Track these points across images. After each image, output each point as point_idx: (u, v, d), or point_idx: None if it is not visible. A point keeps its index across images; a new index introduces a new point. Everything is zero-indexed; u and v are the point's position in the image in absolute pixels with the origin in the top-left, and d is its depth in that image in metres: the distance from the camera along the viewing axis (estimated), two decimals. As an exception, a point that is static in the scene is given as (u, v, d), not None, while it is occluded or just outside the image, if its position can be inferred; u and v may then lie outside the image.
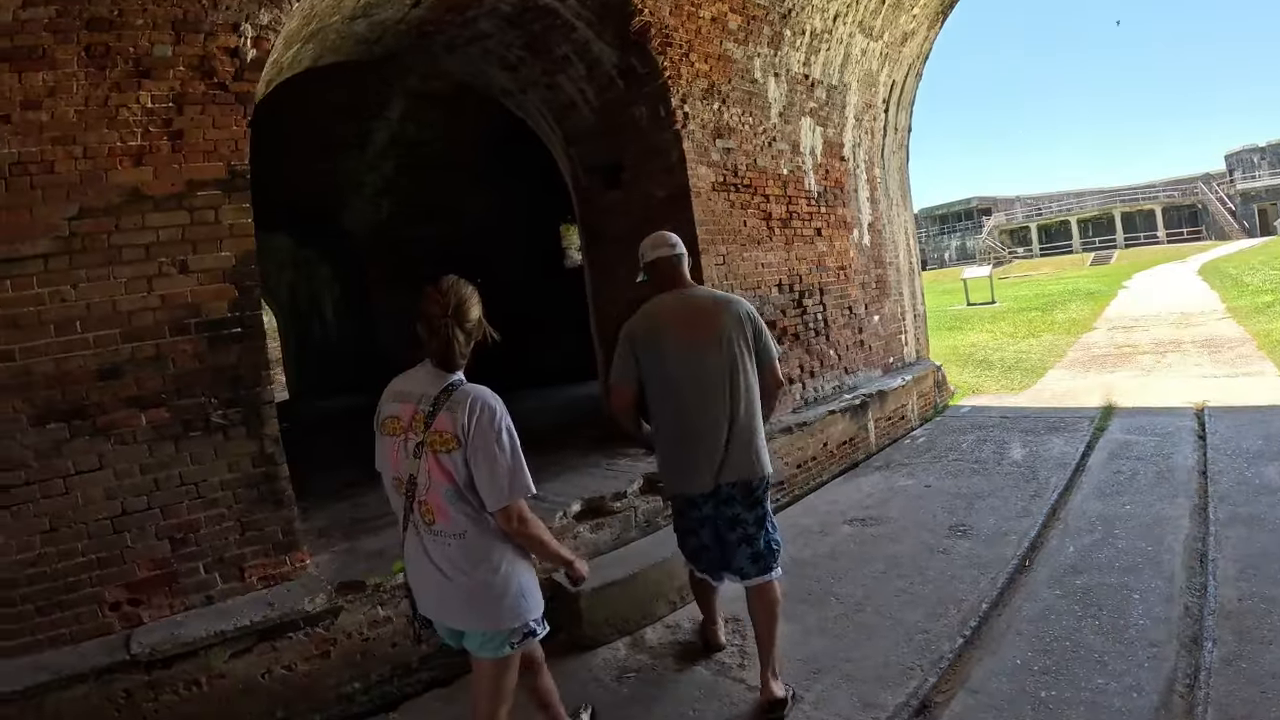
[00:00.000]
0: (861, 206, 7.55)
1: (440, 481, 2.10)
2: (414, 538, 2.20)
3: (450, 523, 2.13)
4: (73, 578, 3.07)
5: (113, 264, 3.13)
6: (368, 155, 9.77)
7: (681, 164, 5.45)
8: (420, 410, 2.14)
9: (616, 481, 4.66)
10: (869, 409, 6.75)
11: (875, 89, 7.74)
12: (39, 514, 3.02)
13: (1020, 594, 3.75)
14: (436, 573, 2.16)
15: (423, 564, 2.19)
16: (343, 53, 5.22)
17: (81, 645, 3.03)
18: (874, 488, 5.77)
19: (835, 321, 6.85)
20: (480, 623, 2.18)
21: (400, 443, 2.17)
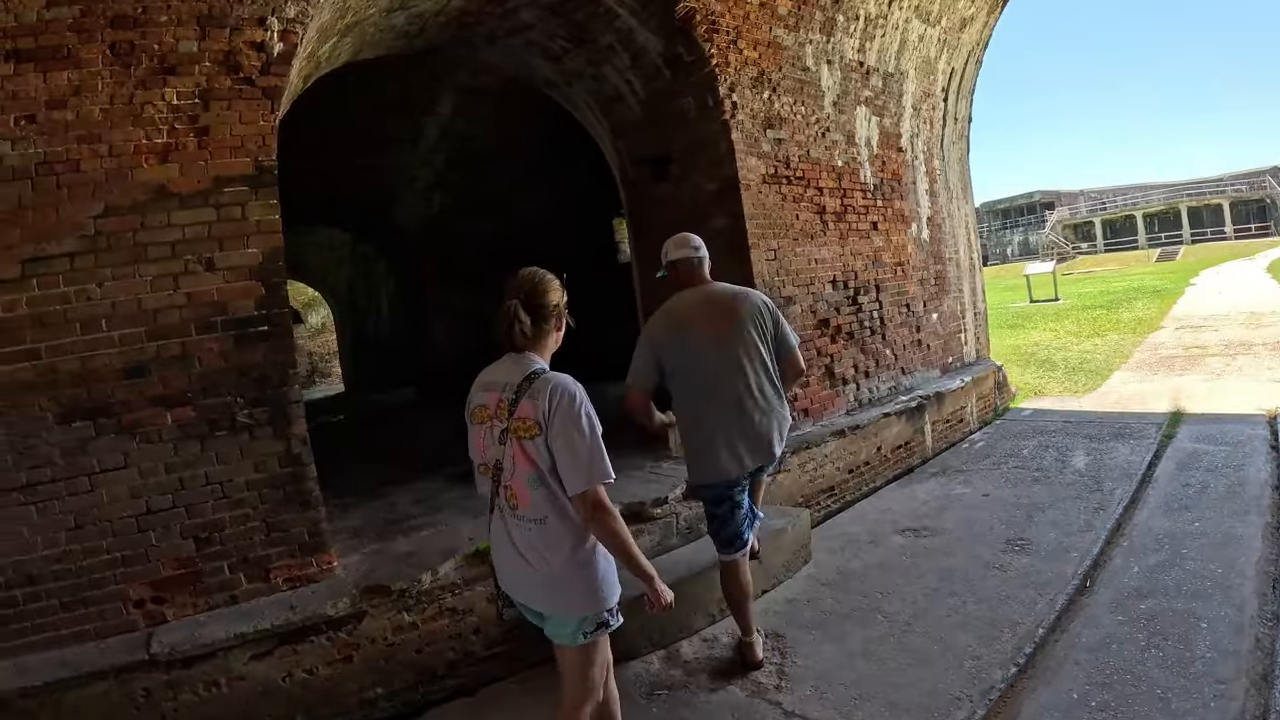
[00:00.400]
0: (920, 199, 7.21)
1: (524, 468, 2.16)
2: (499, 521, 2.27)
3: (531, 508, 2.17)
4: (97, 575, 3.07)
5: (138, 262, 3.11)
6: (419, 150, 9.78)
7: (730, 155, 5.24)
8: (504, 398, 2.20)
9: (659, 486, 4.48)
10: (926, 411, 6.44)
11: (933, 77, 7.38)
12: (64, 511, 3.03)
13: (1080, 619, 3.47)
14: (518, 556, 2.22)
15: (506, 547, 2.26)
16: (383, 47, 5.17)
17: (106, 641, 3.03)
18: (929, 495, 5.48)
19: (892, 320, 6.55)
20: (557, 606, 2.23)
21: (487, 430, 2.24)
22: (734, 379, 3.14)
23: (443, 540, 3.81)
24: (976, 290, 8.49)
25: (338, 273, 15.46)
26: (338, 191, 9.79)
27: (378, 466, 6.15)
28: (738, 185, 5.25)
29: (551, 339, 2.35)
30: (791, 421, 3.47)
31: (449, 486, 5.08)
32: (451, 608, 3.47)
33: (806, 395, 5.56)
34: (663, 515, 4.26)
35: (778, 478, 4.89)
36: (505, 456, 2.19)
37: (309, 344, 24.59)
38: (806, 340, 5.60)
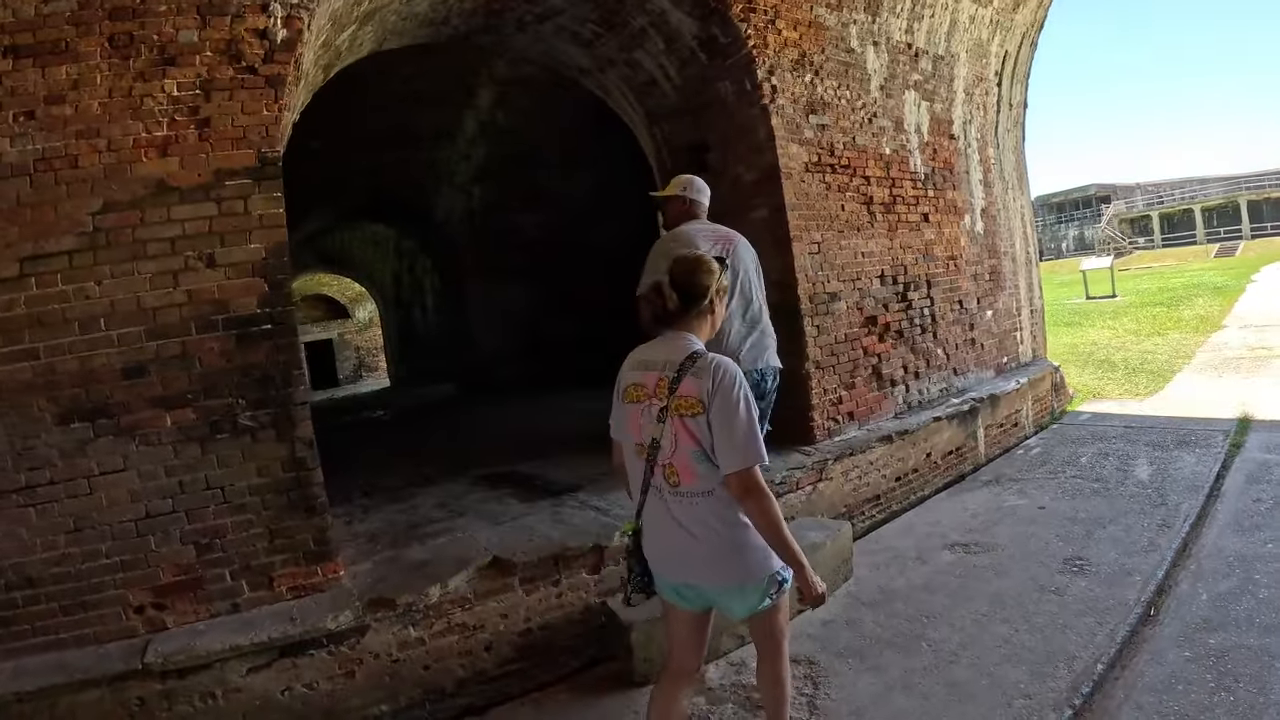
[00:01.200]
0: (973, 190, 6.77)
1: (687, 444, 2.17)
2: (656, 501, 2.27)
3: (697, 481, 2.18)
4: (97, 579, 3.00)
5: (137, 259, 3.01)
6: (459, 144, 9.73)
7: (770, 142, 4.96)
8: (664, 377, 2.21)
9: None
10: (979, 415, 6.04)
11: (986, 60, 6.93)
12: (63, 514, 2.97)
13: (1143, 654, 3.11)
14: (683, 533, 2.21)
15: (667, 525, 2.24)
16: (408, 35, 5.03)
17: (105, 647, 2.97)
18: (981, 506, 5.11)
19: (944, 317, 6.16)
20: (730, 578, 2.22)
21: (644, 409, 2.25)
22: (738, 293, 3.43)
23: (458, 549, 3.65)
24: (1033, 286, 8.00)
25: (383, 268, 15.61)
26: (380, 186, 9.81)
27: (407, 465, 6.07)
28: (778, 174, 4.96)
29: (705, 321, 2.34)
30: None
31: (474, 489, 4.94)
32: (461, 623, 3.29)
33: (851, 397, 5.25)
34: None
35: (819, 486, 4.60)
36: (664, 434, 2.20)
37: (356, 338, 25.08)
38: (852, 339, 5.28)
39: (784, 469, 4.51)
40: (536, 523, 3.97)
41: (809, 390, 4.97)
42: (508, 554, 3.48)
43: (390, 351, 18.57)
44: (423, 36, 5.16)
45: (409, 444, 7.57)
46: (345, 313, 24.84)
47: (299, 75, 3.71)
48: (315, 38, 3.68)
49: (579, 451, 5.63)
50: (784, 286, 4.98)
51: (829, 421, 5.07)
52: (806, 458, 4.70)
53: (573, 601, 3.55)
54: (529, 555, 3.49)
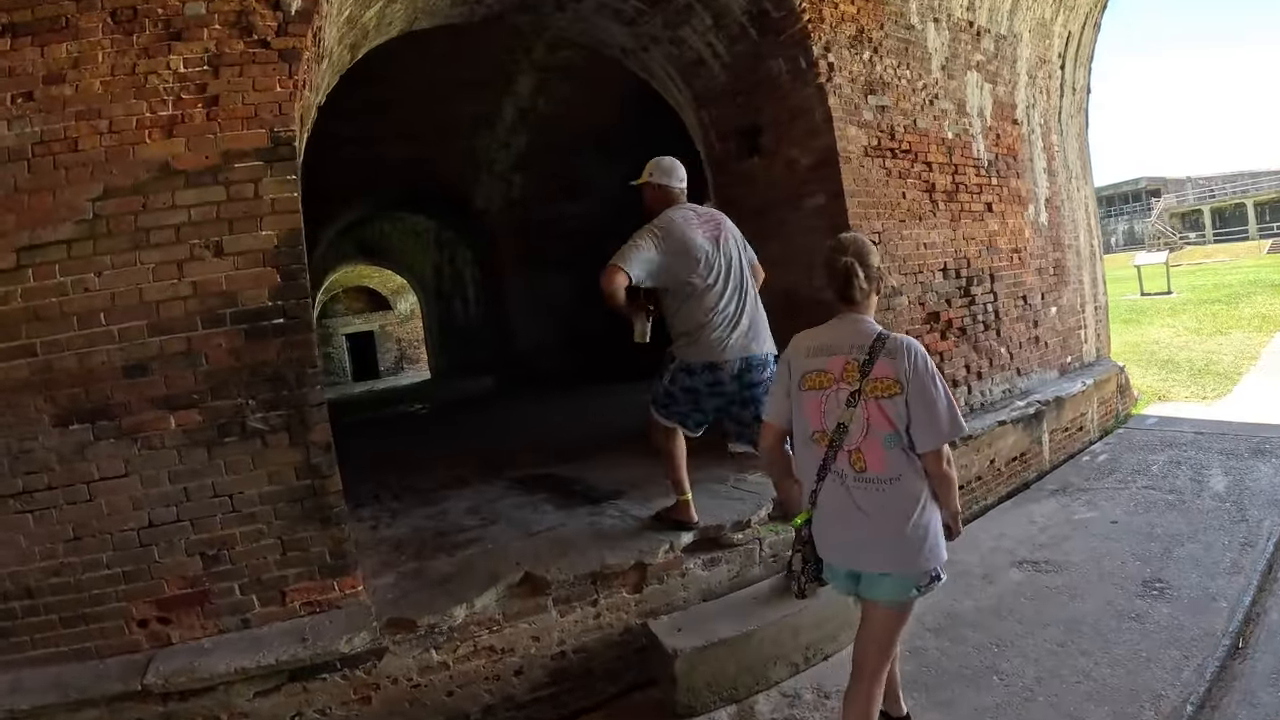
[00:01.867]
0: (1038, 178, 6.31)
1: (880, 428, 2.14)
2: (835, 487, 2.22)
3: (886, 468, 2.15)
4: (98, 590, 2.81)
5: (139, 248, 2.79)
6: (498, 132, 9.47)
7: (827, 124, 4.59)
8: (852, 360, 2.19)
9: (741, 505, 3.87)
10: (1044, 419, 5.61)
11: (1049, 41, 6.45)
12: (62, 521, 2.78)
13: (1234, 693, 2.76)
14: (864, 518, 2.17)
15: (847, 511, 2.20)
16: (440, 14, 4.77)
17: (106, 662, 2.79)
18: (1048, 519, 4.70)
19: (1007, 314, 5.74)
20: (900, 565, 2.17)
21: (828, 395, 2.21)
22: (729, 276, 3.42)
23: (488, 563, 3.37)
24: (1097, 281, 7.50)
25: (423, 259, 15.53)
26: (418, 176, 9.63)
27: (441, 465, 5.85)
28: (836, 158, 4.59)
29: (874, 301, 2.34)
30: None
31: (508, 493, 4.67)
32: (489, 646, 3.02)
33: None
34: (743, 542, 3.64)
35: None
36: (854, 419, 2.16)
37: (398, 330, 25.19)
38: (915, 335, 4.88)
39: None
40: (574, 534, 3.68)
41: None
42: (541, 570, 3.20)
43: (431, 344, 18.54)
44: (456, 16, 4.90)
45: (445, 441, 7.36)
46: (387, 305, 24.95)
47: (321, 52, 3.47)
48: (337, 12, 3.43)
49: (620, 452, 5.35)
50: None
51: (887, 425, 4.71)
52: None
53: (611, 623, 3.26)
54: (564, 572, 3.20)
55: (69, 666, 2.76)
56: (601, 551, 3.38)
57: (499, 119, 9.18)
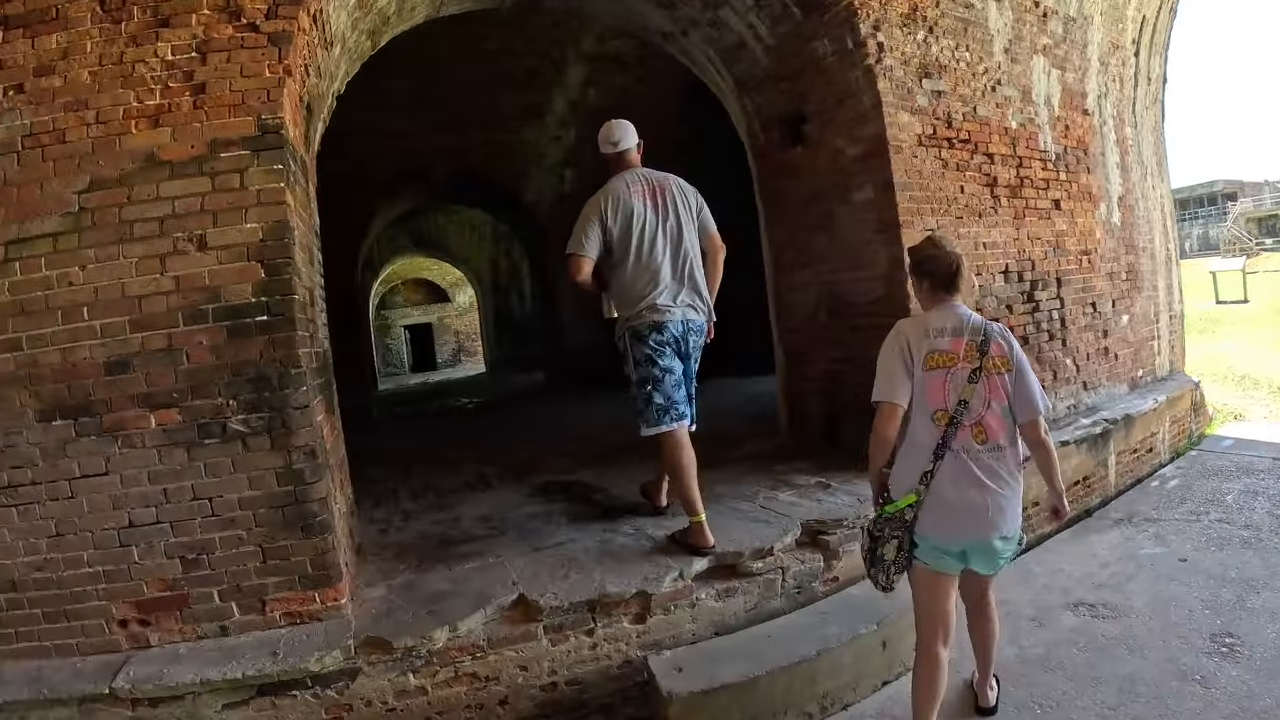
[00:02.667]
0: (1110, 174, 5.78)
1: (998, 400, 2.36)
2: (957, 462, 2.33)
3: (1002, 436, 2.36)
4: (79, 588, 2.77)
5: (123, 241, 2.71)
6: (548, 124, 9.36)
7: (877, 110, 4.23)
8: (971, 341, 2.37)
9: (767, 528, 3.54)
10: (1111, 439, 5.09)
11: (1122, 25, 5.89)
12: (45, 516, 2.74)
13: None
14: (989, 487, 2.32)
15: (972, 482, 2.32)
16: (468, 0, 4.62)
17: (86, 660, 2.76)
18: (1110, 553, 4.24)
19: (1075, 322, 5.25)
20: (1012, 526, 2.37)
21: (953, 373, 2.36)
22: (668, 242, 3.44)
23: (483, 580, 3.17)
24: (1173, 288, 6.89)
25: (479, 253, 15.61)
26: (468, 169, 9.60)
27: (471, 463, 5.75)
28: (886, 147, 4.23)
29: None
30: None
31: (528, 500, 4.50)
32: (472, 673, 2.82)
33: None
34: (764, 571, 3.32)
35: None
36: (976, 395, 2.34)
37: (455, 323, 25.49)
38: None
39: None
40: (580, 552, 3.45)
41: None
42: (536, 593, 2.98)
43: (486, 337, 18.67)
44: (485, 1, 4.74)
45: (482, 438, 7.28)
46: (446, 297, 25.27)
47: (329, 37, 3.36)
48: (340, -6, 3.30)
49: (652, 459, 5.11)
50: (891, 281, 4.28)
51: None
52: None
53: (610, 654, 3.01)
54: (559, 598, 2.96)
55: (50, 662, 2.74)
56: (604, 576, 3.13)
57: (549, 111, 9.06)
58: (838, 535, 3.49)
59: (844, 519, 3.55)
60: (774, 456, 4.88)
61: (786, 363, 5.29)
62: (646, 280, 3.39)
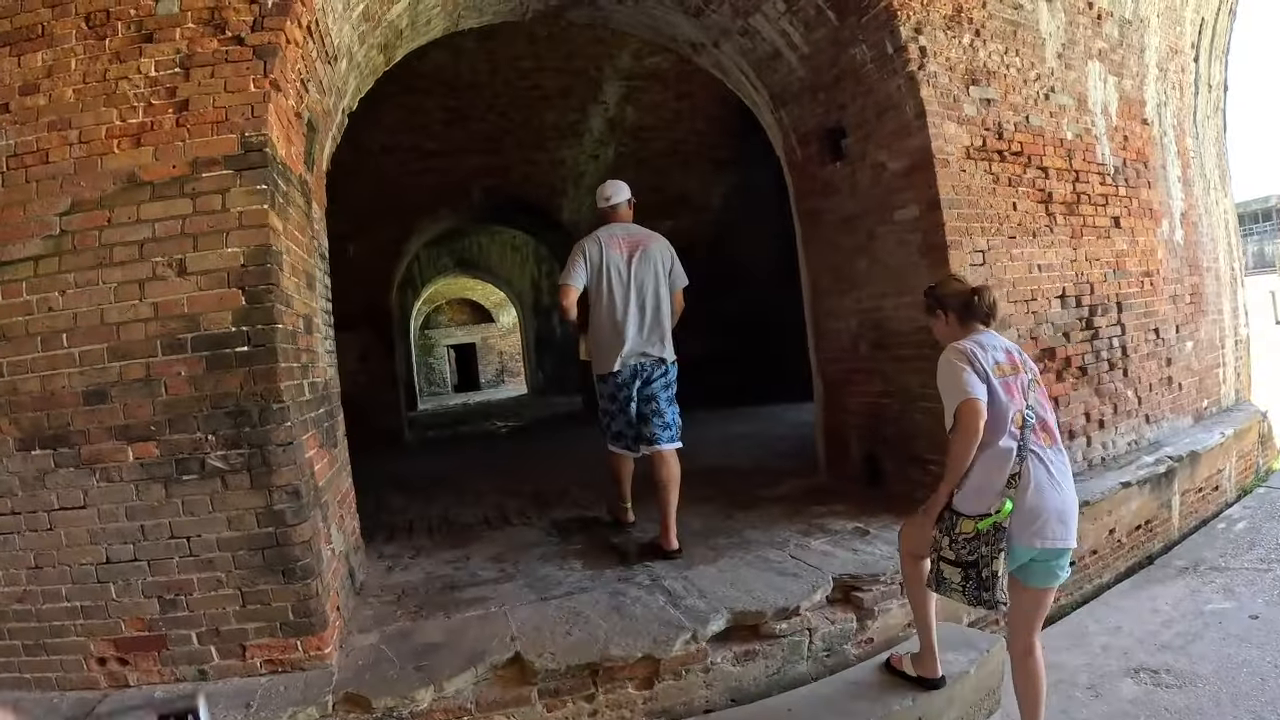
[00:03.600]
0: (1171, 189, 5.34)
1: (1049, 409, 2.47)
2: (1037, 466, 2.33)
3: (1060, 442, 2.44)
4: (58, 622, 2.67)
5: (102, 266, 2.59)
6: (585, 143, 9.26)
7: (920, 120, 3.92)
8: (1017, 358, 2.49)
9: (795, 584, 3.21)
10: (1175, 478, 4.64)
11: (1180, 29, 5.44)
12: (24, 547, 2.65)
13: None
14: (1065, 490, 2.35)
15: (1052, 485, 2.33)
16: (487, 12, 4.46)
17: (65, 695, 2.67)
18: (1174, 608, 3.83)
19: (1136, 349, 4.83)
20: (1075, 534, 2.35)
21: (1018, 379, 2.43)
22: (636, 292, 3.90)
23: (480, 633, 2.94)
24: (1238, 310, 6.38)
25: (521, 273, 15.57)
26: (504, 187, 9.53)
27: (495, 494, 5.59)
28: (931, 161, 3.91)
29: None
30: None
31: (544, 539, 4.27)
32: (457, 737, 2.61)
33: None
34: (788, 633, 3.01)
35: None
36: (1034, 402, 2.41)
37: (499, 343, 25.52)
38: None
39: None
40: (589, 604, 3.18)
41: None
42: (534, 652, 2.73)
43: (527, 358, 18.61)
44: (505, 12, 4.58)
45: (511, 466, 7.07)
46: (490, 317, 25.28)
47: (331, 51, 3.23)
48: (345, 7, 3.16)
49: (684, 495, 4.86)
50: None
51: (986, 484, 3.99)
52: None
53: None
54: (558, 659, 2.71)
55: (29, 694, 2.66)
56: (610, 634, 2.86)
57: (586, 129, 8.95)
58: (873, 592, 3.18)
59: (881, 573, 3.23)
60: (811, 497, 4.57)
61: (825, 395, 4.98)
62: (612, 337, 3.90)
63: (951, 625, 3.26)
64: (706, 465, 5.90)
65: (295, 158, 3.01)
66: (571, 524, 4.54)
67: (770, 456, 6.10)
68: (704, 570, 3.44)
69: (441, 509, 5.23)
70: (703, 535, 3.99)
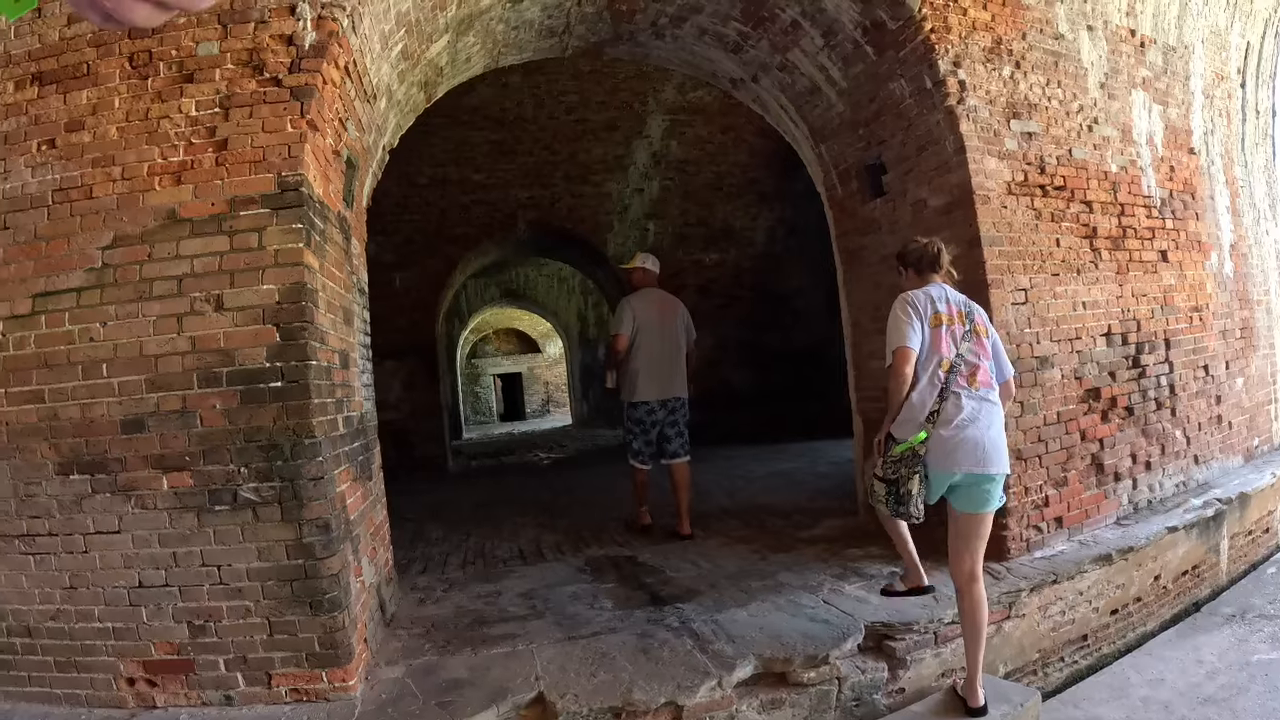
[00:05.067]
0: (1220, 220, 5.15)
1: (985, 357, 2.83)
2: (957, 403, 2.74)
3: (991, 385, 2.82)
4: (89, 641, 2.74)
5: (142, 299, 2.67)
6: (630, 176, 9.33)
7: (960, 155, 3.85)
8: (960, 309, 2.87)
9: (826, 629, 3.15)
10: (1224, 521, 4.44)
11: (1225, 54, 5.27)
12: (60, 568, 2.73)
13: None
14: (985, 427, 2.73)
15: (973, 421, 2.73)
16: (527, 49, 4.51)
17: (93, 712, 2.74)
18: (1220, 659, 3.67)
19: (1185, 388, 4.65)
20: (1002, 464, 2.74)
21: (952, 330, 2.82)
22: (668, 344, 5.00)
23: (507, 671, 2.93)
24: None
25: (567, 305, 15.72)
26: (553, 221, 9.64)
27: (531, 527, 5.62)
28: (971, 197, 3.84)
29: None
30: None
31: (576, 576, 4.24)
32: (475, 777, 2.60)
33: (1062, 498, 3.95)
34: (817, 682, 2.93)
35: (1005, 626, 3.46)
36: (968, 350, 2.81)
37: (545, 374, 25.68)
38: (1067, 418, 4.02)
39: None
40: (616, 646, 3.14)
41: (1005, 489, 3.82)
42: (557, 693, 2.71)
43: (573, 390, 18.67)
44: (546, 50, 4.63)
45: (549, 499, 7.02)
46: (536, 348, 25.35)
47: (370, 90, 3.29)
48: (382, 47, 3.22)
49: (719, 537, 4.86)
50: None
51: (1029, 530, 3.83)
52: (994, 583, 3.48)
53: (632, 767, 2.73)
54: (580, 701, 2.68)
55: (59, 709, 2.74)
56: (635, 677, 2.82)
57: (631, 163, 9.03)
58: (906, 641, 3.10)
59: (915, 621, 3.15)
60: (847, 538, 4.46)
61: (865, 435, 4.89)
62: (646, 376, 4.93)
63: (987, 677, 3.18)
64: (747, 503, 5.88)
65: (333, 195, 3.07)
66: (604, 562, 4.51)
67: (810, 495, 6.02)
68: (734, 614, 3.38)
69: (478, 541, 5.25)
70: (736, 578, 3.93)
